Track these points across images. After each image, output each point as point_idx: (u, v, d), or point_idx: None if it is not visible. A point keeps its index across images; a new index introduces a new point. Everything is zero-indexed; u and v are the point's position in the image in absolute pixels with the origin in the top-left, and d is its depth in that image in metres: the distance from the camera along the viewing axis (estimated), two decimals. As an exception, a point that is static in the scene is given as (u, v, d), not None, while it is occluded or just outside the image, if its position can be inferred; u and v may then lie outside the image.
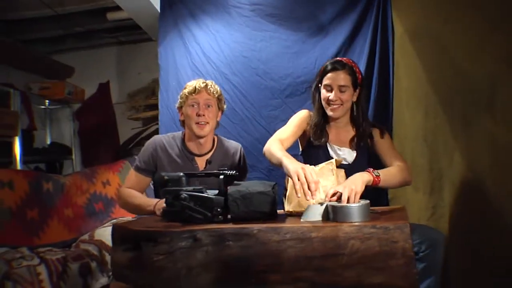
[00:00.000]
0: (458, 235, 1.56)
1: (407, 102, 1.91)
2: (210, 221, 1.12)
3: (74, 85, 3.20)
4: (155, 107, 3.05)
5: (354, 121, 1.53)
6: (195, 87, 1.52)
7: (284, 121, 2.12)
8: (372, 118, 1.86)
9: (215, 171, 1.25)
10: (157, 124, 3.07)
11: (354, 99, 1.50)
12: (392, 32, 1.95)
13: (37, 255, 1.56)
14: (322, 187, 1.20)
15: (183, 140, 1.57)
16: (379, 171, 1.29)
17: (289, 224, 1.03)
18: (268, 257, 0.99)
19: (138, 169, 1.53)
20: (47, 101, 3.20)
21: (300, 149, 1.63)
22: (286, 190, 1.29)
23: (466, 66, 1.47)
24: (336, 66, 1.47)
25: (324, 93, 1.49)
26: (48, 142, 3.33)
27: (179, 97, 1.59)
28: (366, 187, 1.21)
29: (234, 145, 1.65)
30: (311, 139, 1.53)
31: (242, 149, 1.67)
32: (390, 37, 1.95)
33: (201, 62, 2.23)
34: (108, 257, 1.72)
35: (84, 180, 2.27)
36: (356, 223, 0.97)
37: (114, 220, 2.09)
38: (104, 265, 1.68)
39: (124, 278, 1.14)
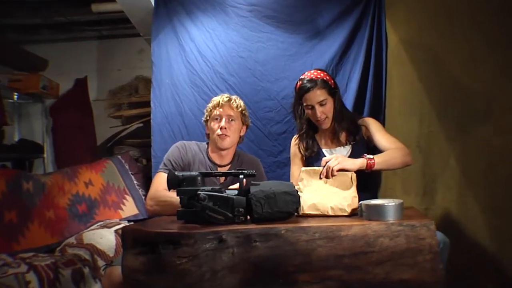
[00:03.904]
0: (450, 235, 1.65)
1: (399, 109, 2.00)
2: (231, 222, 1.08)
3: (49, 79, 2.98)
4: (138, 105, 2.92)
5: (336, 120, 1.58)
6: (219, 101, 1.58)
7: (279, 123, 2.17)
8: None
9: (233, 171, 1.23)
10: (141, 123, 2.97)
11: (336, 105, 1.56)
12: (386, 41, 2.03)
13: (23, 261, 1.42)
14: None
15: (207, 150, 1.63)
16: (375, 155, 1.36)
17: (316, 223, 1.03)
18: (297, 257, 0.98)
19: (167, 170, 1.49)
20: (15, 94, 2.95)
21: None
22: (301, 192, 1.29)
23: (462, 78, 1.58)
24: (309, 85, 1.53)
25: (308, 113, 1.56)
26: (16, 138, 3.07)
27: (204, 111, 1.65)
28: (364, 173, 1.31)
29: (252, 159, 1.70)
30: (306, 152, 1.60)
31: (260, 163, 1.71)
32: (384, 45, 2.01)
33: (196, 60, 2.17)
34: (100, 262, 1.61)
35: (66, 180, 2.11)
36: (384, 221, 1.00)
37: (101, 223, 1.96)
38: (97, 271, 1.57)
39: (137, 284, 1.07)
